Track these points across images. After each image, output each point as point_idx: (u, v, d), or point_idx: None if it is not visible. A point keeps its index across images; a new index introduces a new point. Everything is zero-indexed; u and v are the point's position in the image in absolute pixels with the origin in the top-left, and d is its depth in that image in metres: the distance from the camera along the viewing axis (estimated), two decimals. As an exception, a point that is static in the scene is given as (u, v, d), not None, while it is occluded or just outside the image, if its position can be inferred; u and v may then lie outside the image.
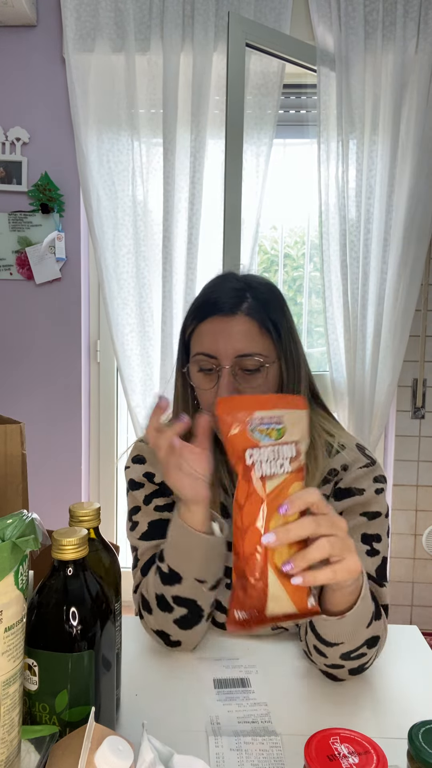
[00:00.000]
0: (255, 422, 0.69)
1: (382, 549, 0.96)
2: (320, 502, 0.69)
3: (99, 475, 2.51)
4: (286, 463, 0.69)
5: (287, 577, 0.66)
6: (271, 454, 0.68)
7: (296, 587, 0.66)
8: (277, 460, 0.68)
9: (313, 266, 2.45)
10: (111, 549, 0.83)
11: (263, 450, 0.68)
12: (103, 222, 2.16)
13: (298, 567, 0.66)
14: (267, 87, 2.14)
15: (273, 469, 0.68)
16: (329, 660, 0.86)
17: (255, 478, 0.68)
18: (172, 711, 0.83)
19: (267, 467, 0.68)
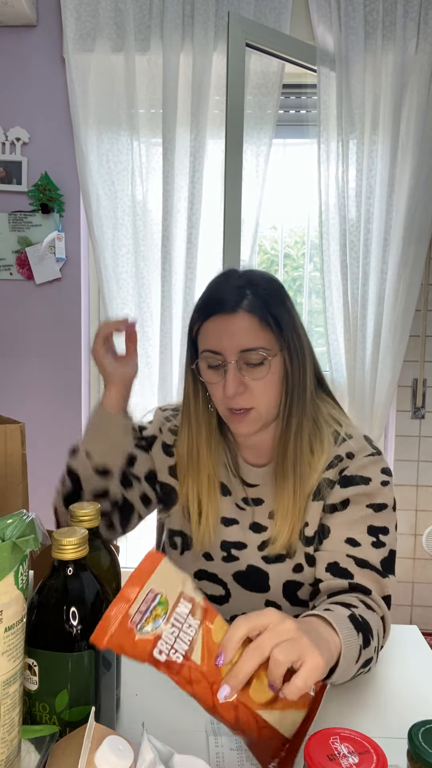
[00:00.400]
0: (137, 621, 0.62)
1: (388, 541, 0.97)
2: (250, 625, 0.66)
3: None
4: (191, 620, 0.64)
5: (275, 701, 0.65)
6: (172, 632, 0.63)
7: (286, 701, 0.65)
8: (183, 628, 0.64)
9: (313, 266, 2.45)
10: (111, 549, 0.83)
11: (165, 637, 0.63)
12: (103, 222, 2.16)
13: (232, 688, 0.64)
14: (267, 87, 2.14)
15: (186, 639, 0.63)
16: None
17: (181, 665, 0.63)
18: (172, 711, 0.83)
19: (180, 645, 0.63)
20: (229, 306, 0.96)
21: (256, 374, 0.96)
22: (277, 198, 2.39)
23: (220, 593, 1.06)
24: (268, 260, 2.50)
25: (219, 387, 0.98)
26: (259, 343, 0.95)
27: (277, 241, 2.48)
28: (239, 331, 0.95)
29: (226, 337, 0.95)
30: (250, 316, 0.95)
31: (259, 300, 0.96)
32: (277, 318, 0.96)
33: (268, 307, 0.96)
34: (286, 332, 0.97)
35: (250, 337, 0.95)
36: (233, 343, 0.95)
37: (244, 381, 0.96)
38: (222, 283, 1.00)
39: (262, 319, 0.95)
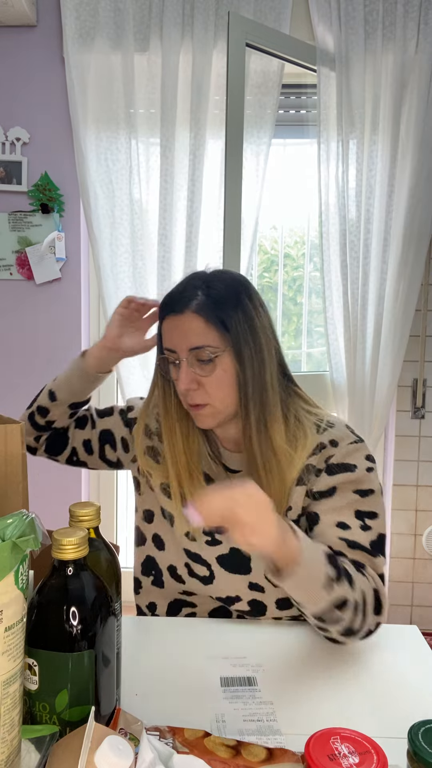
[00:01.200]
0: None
1: (376, 525, 1.01)
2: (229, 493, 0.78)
3: (99, 475, 2.51)
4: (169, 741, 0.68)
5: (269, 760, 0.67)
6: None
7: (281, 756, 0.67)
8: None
9: (313, 266, 2.45)
10: (111, 549, 0.83)
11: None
12: (101, 221, 2.16)
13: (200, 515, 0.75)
14: (267, 86, 2.14)
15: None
16: (312, 620, 0.93)
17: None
18: (172, 711, 0.83)
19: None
20: (178, 307, 1.04)
21: (206, 371, 1.02)
22: (277, 198, 2.39)
23: (204, 574, 1.09)
24: (268, 260, 2.50)
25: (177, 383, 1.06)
26: (206, 341, 1.01)
27: (277, 241, 2.48)
28: (187, 331, 1.02)
29: (177, 335, 1.03)
30: (196, 316, 1.02)
31: (208, 300, 1.02)
32: (224, 318, 1.02)
33: (216, 308, 1.02)
34: (234, 332, 1.02)
35: (196, 336, 1.02)
36: (183, 342, 1.03)
37: (197, 378, 1.03)
38: (182, 284, 1.08)
39: (208, 319, 1.02)
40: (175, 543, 1.12)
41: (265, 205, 2.21)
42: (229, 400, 1.04)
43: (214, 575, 1.09)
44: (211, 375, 1.02)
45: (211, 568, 1.09)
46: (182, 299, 1.04)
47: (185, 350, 1.03)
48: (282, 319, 2.50)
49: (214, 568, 1.09)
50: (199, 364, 1.02)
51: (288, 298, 2.50)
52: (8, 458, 0.92)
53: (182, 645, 1.00)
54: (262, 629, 1.06)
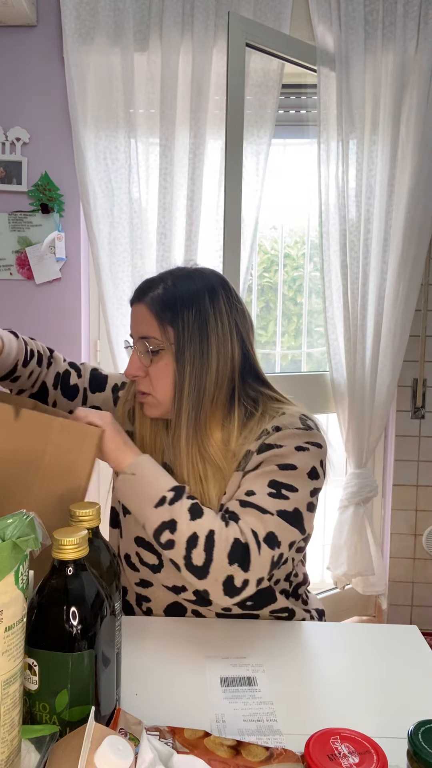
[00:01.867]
0: None
1: (292, 497, 0.99)
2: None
3: (99, 475, 2.51)
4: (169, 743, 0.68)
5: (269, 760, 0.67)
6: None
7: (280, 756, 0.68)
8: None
9: (313, 266, 2.45)
10: (111, 549, 0.83)
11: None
12: (100, 220, 2.16)
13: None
14: (267, 85, 2.14)
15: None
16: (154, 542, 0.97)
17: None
18: (173, 711, 0.83)
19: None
20: (137, 297, 1.09)
21: (149, 361, 1.07)
22: (277, 198, 2.39)
23: (153, 562, 1.10)
24: (268, 260, 2.50)
25: None
26: (151, 333, 1.06)
27: (277, 241, 2.48)
28: (138, 320, 1.09)
29: (132, 323, 1.11)
30: (147, 309, 1.07)
31: (163, 295, 1.06)
32: (171, 316, 1.04)
33: (166, 304, 1.05)
34: (178, 329, 1.04)
35: (144, 326, 1.07)
36: (135, 329, 1.10)
37: (143, 367, 1.08)
38: (159, 274, 1.12)
39: (155, 313, 1.06)
40: (128, 531, 1.14)
41: (265, 205, 2.21)
42: (168, 394, 1.07)
43: (162, 564, 1.09)
44: (153, 366, 1.07)
45: (160, 557, 1.10)
46: (144, 290, 1.09)
47: (136, 337, 1.09)
48: (282, 319, 2.50)
49: (164, 557, 1.09)
50: (146, 354, 1.07)
51: (288, 298, 2.50)
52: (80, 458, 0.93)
53: (182, 645, 1.00)
54: (262, 629, 1.06)
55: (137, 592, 1.14)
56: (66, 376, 1.23)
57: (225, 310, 1.06)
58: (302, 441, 1.03)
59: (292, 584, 1.16)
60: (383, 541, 2.52)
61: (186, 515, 0.94)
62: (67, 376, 1.24)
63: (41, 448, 0.90)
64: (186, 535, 0.93)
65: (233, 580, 0.92)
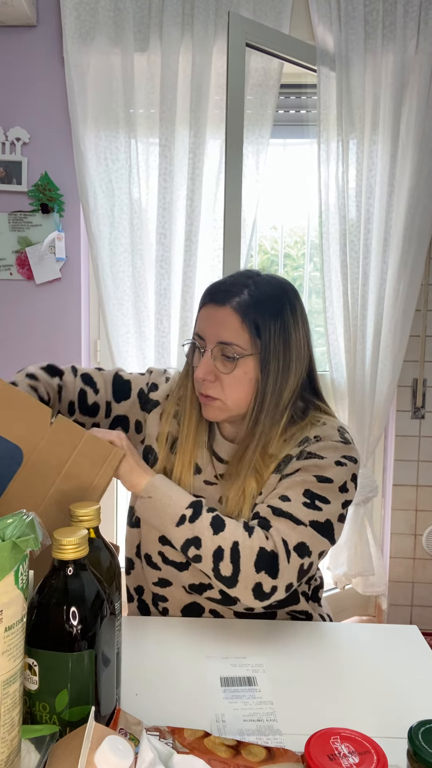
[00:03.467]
0: None
1: (326, 509, 1.00)
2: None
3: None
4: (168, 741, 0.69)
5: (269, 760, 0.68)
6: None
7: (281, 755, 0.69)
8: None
9: (313, 266, 2.45)
10: (111, 549, 0.83)
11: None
12: (100, 221, 2.16)
13: None
14: (267, 85, 2.14)
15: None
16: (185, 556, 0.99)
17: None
18: (173, 711, 0.83)
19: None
20: (219, 298, 1.03)
21: (226, 368, 1.03)
22: (277, 198, 2.39)
23: (180, 560, 1.10)
24: (268, 260, 2.50)
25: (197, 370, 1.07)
26: (235, 340, 1.01)
27: (277, 241, 2.48)
28: (220, 324, 1.02)
29: (210, 325, 1.04)
30: (234, 313, 1.02)
31: (250, 301, 1.02)
32: (259, 323, 1.01)
33: (255, 311, 1.01)
34: (265, 339, 1.01)
35: (228, 332, 1.02)
36: (214, 333, 1.03)
37: (216, 371, 1.03)
38: (232, 276, 1.08)
39: (243, 319, 1.01)
40: (150, 530, 1.12)
41: (265, 205, 2.21)
42: (242, 402, 1.04)
43: (189, 562, 1.09)
44: (231, 374, 1.03)
45: None
46: (226, 292, 1.04)
47: (213, 341, 1.03)
48: (282, 319, 2.50)
49: None
50: (222, 359, 1.03)
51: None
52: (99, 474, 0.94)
53: (182, 645, 1.00)
54: (262, 629, 1.06)
55: (154, 592, 1.13)
56: (82, 398, 1.17)
57: (300, 323, 1.06)
58: (341, 455, 1.04)
59: (311, 587, 1.16)
60: (383, 541, 2.52)
61: (208, 530, 0.95)
62: (83, 397, 1.17)
63: (67, 456, 0.92)
64: (211, 550, 0.94)
65: (262, 586, 0.94)
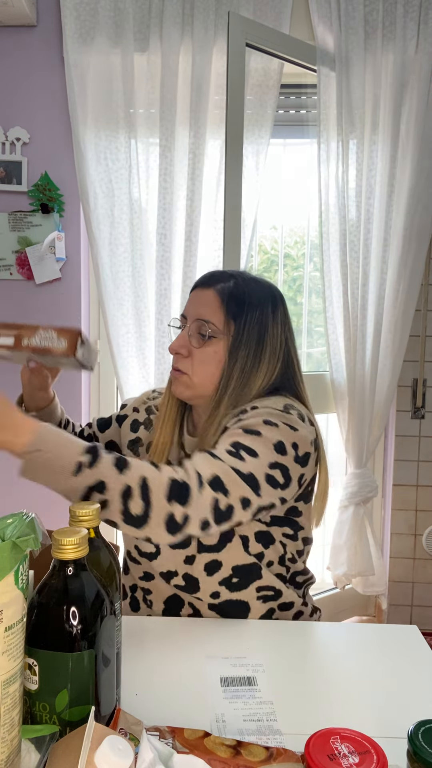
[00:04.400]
0: None
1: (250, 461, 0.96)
2: None
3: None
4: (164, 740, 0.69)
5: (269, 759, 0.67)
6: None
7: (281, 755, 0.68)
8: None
9: (313, 266, 2.45)
10: (111, 549, 0.83)
11: None
12: (100, 221, 2.16)
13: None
14: (267, 85, 2.14)
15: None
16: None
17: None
18: (173, 711, 0.83)
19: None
20: (207, 283, 1.12)
21: (199, 343, 1.10)
22: (277, 198, 2.39)
23: (151, 550, 1.11)
24: (268, 260, 2.50)
25: None
26: (211, 318, 1.09)
27: (277, 241, 2.48)
28: (201, 303, 1.11)
29: (193, 305, 1.13)
30: (215, 295, 1.10)
31: (233, 288, 1.10)
32: (237, 310, 1.08)
33: (235, 298, 1.09)
34: (240, 325, 1.08)
35: (206, 310, 1.10)
36: (194, 311, 1.12)
37: (188, 346, 1.11)
38: (223, 270, 1.17)
39: (222, 302, 1.09)
40: None
41: (265, 205, 2.21)
42: (207, 380, 1.10)
43: (159, 551, 1.10)
44: (201, 350, 1.09)
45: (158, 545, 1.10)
46: (215, 278, 1.13)
47: (192, 318, 1.11)
48: (282, 319, 2.50)
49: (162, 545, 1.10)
50: (197, 336, 1.10)
51: (288, 298, 2.50)
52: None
53: (182, 645, 1.00)
54: (262, 629, 1.06)
55: (141, 587, 1.15)
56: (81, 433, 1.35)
57: (281, 323, 1.13)
58: (274, 419, 1.01)
59: (289, 570, 1.15)
60: (383, 541, 2.52)
61: (112, 470, 0.87)
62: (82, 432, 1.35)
63: None
64: (118, 490, 0.87)
65: (174, 517, 0.88)
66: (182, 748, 0.68)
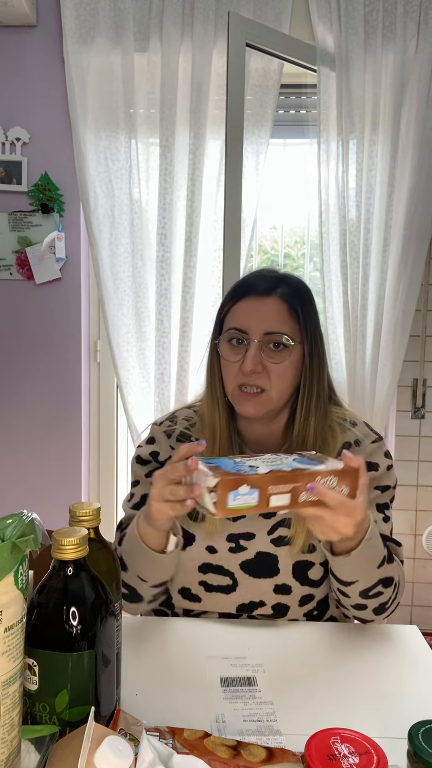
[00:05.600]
0: None
1: (390, 514, 1.11)
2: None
3: (99, 475, 2.51)
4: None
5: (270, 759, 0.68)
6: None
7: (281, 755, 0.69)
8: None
9: (313, 266, 2.45)
10: (111, 549, 0.83)
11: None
12: (101, 221, 2.16)
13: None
14: (267, 85, 2.14)
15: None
16: (352, 600, 0.99)
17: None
18: (173, 711, 0.83)
19: None
20: (263, 290, 1.04)
21: (276, 357, 1.02)
22: (277, 198, 2.39)
23: (226, 583, 1.06)
24: (268, 260, 2.50)
25: (236, 365, 1.03)
26: (284, 329, 1.02)
27: (277, 241, 2.48)
28: (268, 314, 1.02)
29: (254, 317, 1.03)
30: (281, 302, 1.03)
31: (291, 291, 1.05)
32: (304, 312, 1.04)
33: (299, 300, 1.05)
34: (310, 328, 1.05)
35: (276, 321, 1.02)
36: (260, 324, 1.02)
37: (263, 362, 1.02)
38: (258, 273, 1.11)
39: (291, 308, 1.03)
40: (188, 563, 1.07)
41: (265, 205, 2.21)
42: (285, 392, 1.05)
43: (237, 583, 1.06)
44: (280, 363, 1.02)
45: (234, 576, 1.06)
46: (264, 284, 1.05)
47: (260, 333, 1.02)
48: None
49: (238, 576, 1.06)
50: (270, 350, 1.02)
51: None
52: None
53: (182, 645, 1.00)
54: (262, 629, 1.06)
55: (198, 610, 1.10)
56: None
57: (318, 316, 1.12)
58: (383, 452, 1.11)
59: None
60: (383, 541, 2.51)
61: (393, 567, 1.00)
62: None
63: None
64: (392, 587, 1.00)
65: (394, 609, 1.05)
66: (182, 749, 0.68)
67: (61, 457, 2.36)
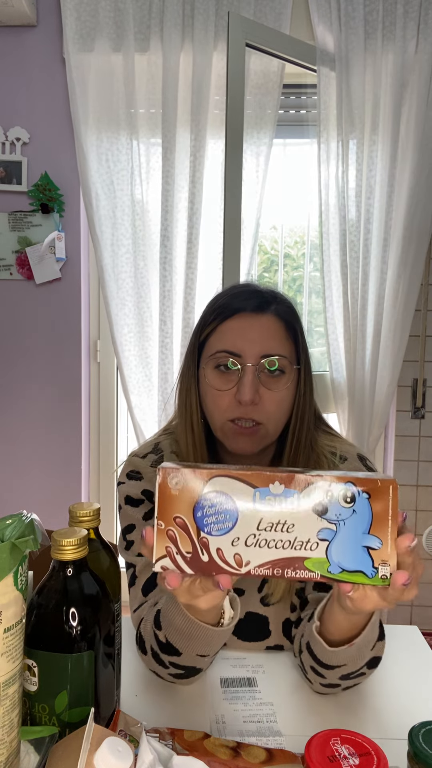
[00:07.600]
0: None
1: None
2: None
3: (99, 475, 2.51)
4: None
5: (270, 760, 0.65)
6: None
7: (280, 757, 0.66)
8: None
9: (313, 266, 2.45)
10: (111, 549, 0.82)
11: None
12: (102, 221, 2.16)
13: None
14: (267, 87, 2.14)
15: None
16: (327, 680, 0.82)
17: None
18: (172, 711, 0.83)
19: None
20: (255, 306, 0.89)
21: (274, 384, 0.88)
22: (277, 198, 2.39)
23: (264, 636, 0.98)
24: (268, 260, 2.49)
25: (226, 395, 0.88)
26: (283, 350, 0.89)
27: (277, 241, 2.48)
28: (264, 334, 0.88)
29: (249, 337, 0.87)
30: (277, 320, 0.89)
31: (285, 308, 0.92)
32: (298, 332, 0.92)
33: (293, 318, 0.92)
34: (304, 349, 0.93)
35: (274, 342, 0.88)
36: (255, 346, 0.87)
37: (259, 391, 0.87)
38: (244, 287, 0.95)
39: (288, 327, 0.90)
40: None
41: (265, 205, 2.21)
42: (281, 424, 0.91)
43: (270, 631, 0.98)
44: (277, 391, 0.88)
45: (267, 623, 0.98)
46: (257, 300, 0.90)
47: (255, 356, 0.87)
48: (282, 319, 2.50)
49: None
50: (266, 376, 0.87)
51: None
52: None
53: (182, 646, 1.00)
54: (262, 630, 1.06)
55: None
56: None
57: None
58: None
59: None
60: (383, 542, 2.51)
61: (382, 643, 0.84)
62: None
63: None
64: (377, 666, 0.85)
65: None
66: (182, 750, 0.68)
67: (61, 457, 2.36)
